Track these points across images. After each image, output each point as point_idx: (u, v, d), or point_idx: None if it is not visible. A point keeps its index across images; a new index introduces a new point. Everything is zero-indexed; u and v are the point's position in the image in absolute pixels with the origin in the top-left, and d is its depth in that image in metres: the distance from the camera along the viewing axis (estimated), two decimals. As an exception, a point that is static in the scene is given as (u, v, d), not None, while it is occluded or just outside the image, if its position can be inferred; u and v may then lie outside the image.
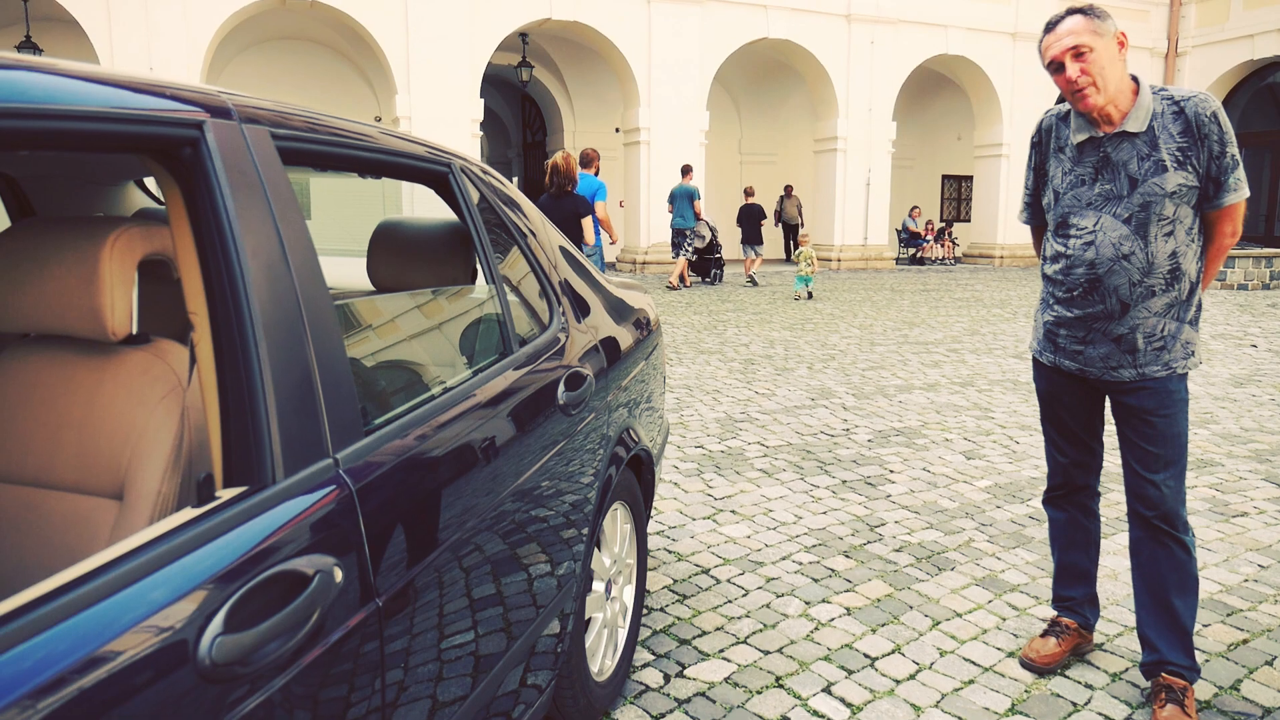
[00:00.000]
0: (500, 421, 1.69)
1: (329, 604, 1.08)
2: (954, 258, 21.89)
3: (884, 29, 18.80)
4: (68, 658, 0.79)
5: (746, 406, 6.07)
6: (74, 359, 1.35)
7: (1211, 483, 4.44)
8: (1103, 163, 2.32)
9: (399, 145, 1.73)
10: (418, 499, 1.36)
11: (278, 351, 1.15)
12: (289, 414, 1.14)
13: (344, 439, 1.23)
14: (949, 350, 8.59)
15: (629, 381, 2.55)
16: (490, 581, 1.57)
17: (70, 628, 0.81)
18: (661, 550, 3.53)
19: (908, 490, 4.29)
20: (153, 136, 1.12)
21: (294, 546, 1.07)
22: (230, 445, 1.12)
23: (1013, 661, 2.69)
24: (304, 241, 1.26)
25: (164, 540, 0.94)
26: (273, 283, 1.17)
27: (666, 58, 16.97)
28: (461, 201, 1.87)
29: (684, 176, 14.95)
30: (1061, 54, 2.26)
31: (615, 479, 2.28)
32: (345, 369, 1.27)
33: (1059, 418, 2.60)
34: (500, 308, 1.88)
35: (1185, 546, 2.38)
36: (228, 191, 1.16)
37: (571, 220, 6.97)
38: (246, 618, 0.97)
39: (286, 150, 1.35)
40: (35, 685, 0.76)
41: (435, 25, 15.04)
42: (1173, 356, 2.34)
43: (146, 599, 0.88)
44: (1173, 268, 2.28)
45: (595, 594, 2.31)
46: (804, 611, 3.01)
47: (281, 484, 1.10)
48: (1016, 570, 3.36)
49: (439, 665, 1.38)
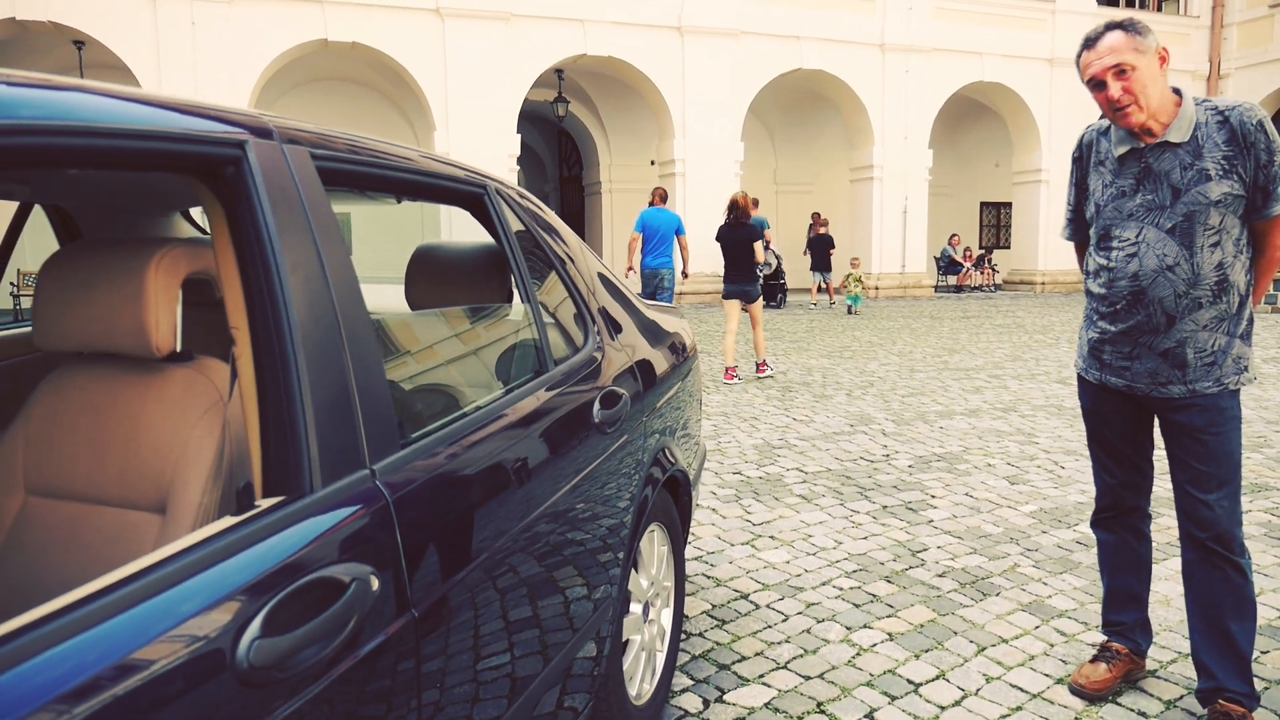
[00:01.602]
0: (534, 439, 1.69)
1: (365, 612, 1.08)
2: (994, 284, 21.67)
3: (918, 57, 18.81)
4: (102, 661, 0.80)
5: (785, 433, 6.03)
6: (120, 376, 1.38)
7: (1267, 507, 4.31)
8: (1144, 174, 2.29)
9: (436, 168, 1.76)
10: (454, 513, 1.37)
11: (316, 364, 1.16)
12: (326, 425, 1.15)
13: (381, 451, 1.24)
14: (990, 376, 8.47)
15: (664, 403, 2.55)
16: (525, 599, 1.57)
17: (105, 631, 0.82)
18: (700, 575, 3.50)
19: (950, 515, 4.22)
20: (196, 155, 1.16)
21: (331, 554, 1.08)
22: (270, 456, 1.14)
23: (1062, 688, 2.61)
24: (343, 259, 1.29)
25: (202, 547, 0.95)
26: (311, 298, 1.19)
27: (700, 90, 17.12)
28: (497, 223, 1.89)
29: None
30: (1103, 72, 2.22)
31: (651, 500, 2.27)
32: (382, 383, 1.29)
33: (1106, 437, 2.55)
34: (535, 328, 1.90)
35: (1241, 570, 2.31)
36: (269, 209, 1.19)
37: (745, 244, 8.35)
38: (284, 622, 0.97)
39: (326, 170, 1.38)
40: (69, 689, 0.77)
41: (472, 63, 15.34)
42: (1224, 372, 2.29)
43: (184, 604, 0.89)
44: (1220, 279, 2.24)
45: (633, 616, 2.29)
46: (845, 637, 2.96)
47: (319, 493, 1.12)
48: (1064, 596, 3.28)
49: (474, 682, 1.38)
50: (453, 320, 2.01)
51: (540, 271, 2.12)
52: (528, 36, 15.83)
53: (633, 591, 2.30)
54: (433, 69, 15.25)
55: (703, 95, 17.16)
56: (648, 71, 16.81)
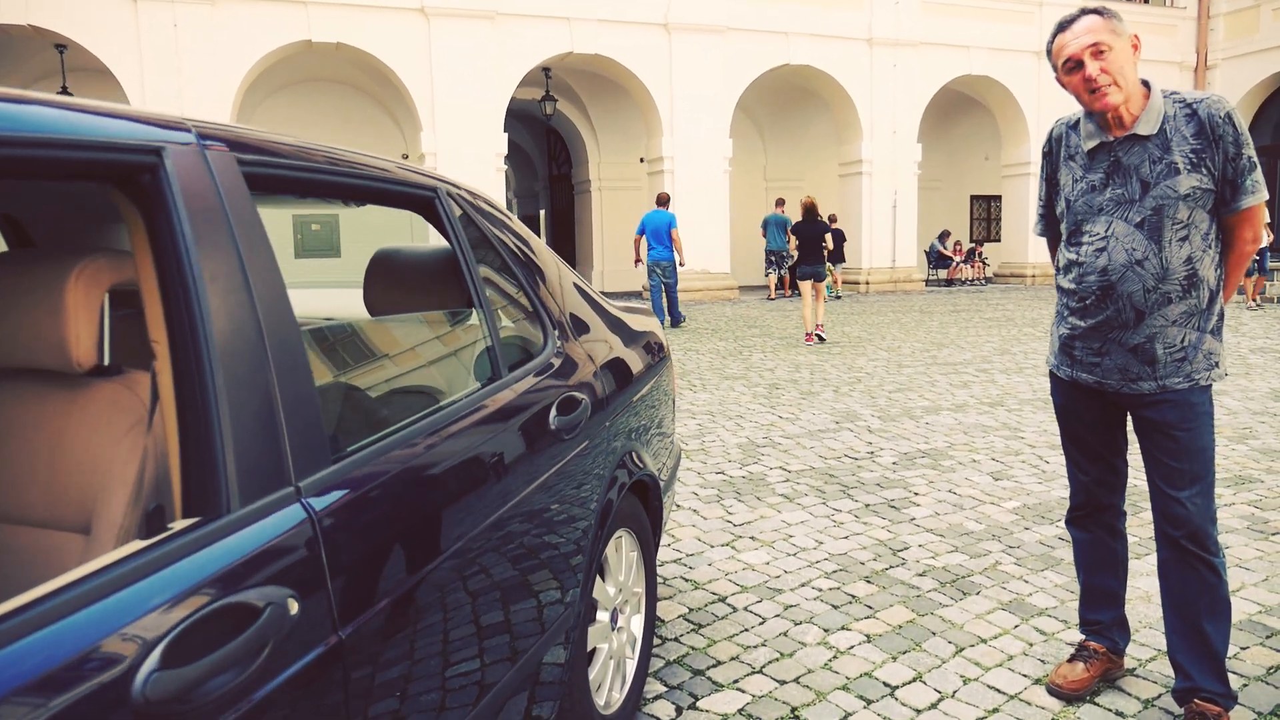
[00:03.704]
0: (481, 449, 1.65)
1: (282, 637, 1.04)
2: (984, 278, 21.66)
3: (906, 51, 18.78)
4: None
5: (769, 431, 5.99)
6: (45, 392, 1.33)
7: (1251, 499, 4.29)
8: (1114, 167, 2.26)
9: (383, 172, 1.72)
10: (390, 529, 1.33)
11: (235, 380, 1.12)
12: (246, 442, 1.11)
13: (309, 467, 1.20)
14: (978, 370, 8.45)
15: (632, 407, 2.51)
16: (471, 615, 1.53)
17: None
18: (678, 579, 3.46)
19: (932, 513, 4.19)
20: (110, 164, 1.11)
21: (246, 578, 1.04)
22: (188, 475, 1.10)
23: (1039, 689, 2.58)
24: (268, 268, 1.24)
25: (101, 575, 0.91)
26: (232, 310, 1.15)
27: (688, 87, 17.06)
28: (448, 226, 1.85)
29: (777, 207, 18.38)
30: (1080, 51, 2.20)
31: (617, 506, 2.23)
32: (311, 396, 1.24)
33: (1079, 434, 2.52)
34: (489, 334, 1.85)
35: (1215, 569, 2.28)
36: (187, 219, 1.14)
37: (818, 238, 10.96)
38: (188, 653, 0.93)
39: (258, 176, 1.33)
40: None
41: (458, 63, 15.26)
42: (1195, 367, 2.26)
43: (74, 639, 0.85)
44: (1189, 273, 2.21)
45: (599, 624, 2.25)
46: (822, 639, 2.92)
47: (236, 513, 1.07)
48: (1044, 594, 3.25)
49: (411, 706, 1.33)
50: (402, 328, 1.97)
51: (496, 275, 2.07)
52: (514, 35, 15.76)
53: (599, 599, 2.26)
54: (418, 69, 15.16)
55: (690, 93, 17.10)
56: (635, 69, 16.75)
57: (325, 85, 18.39)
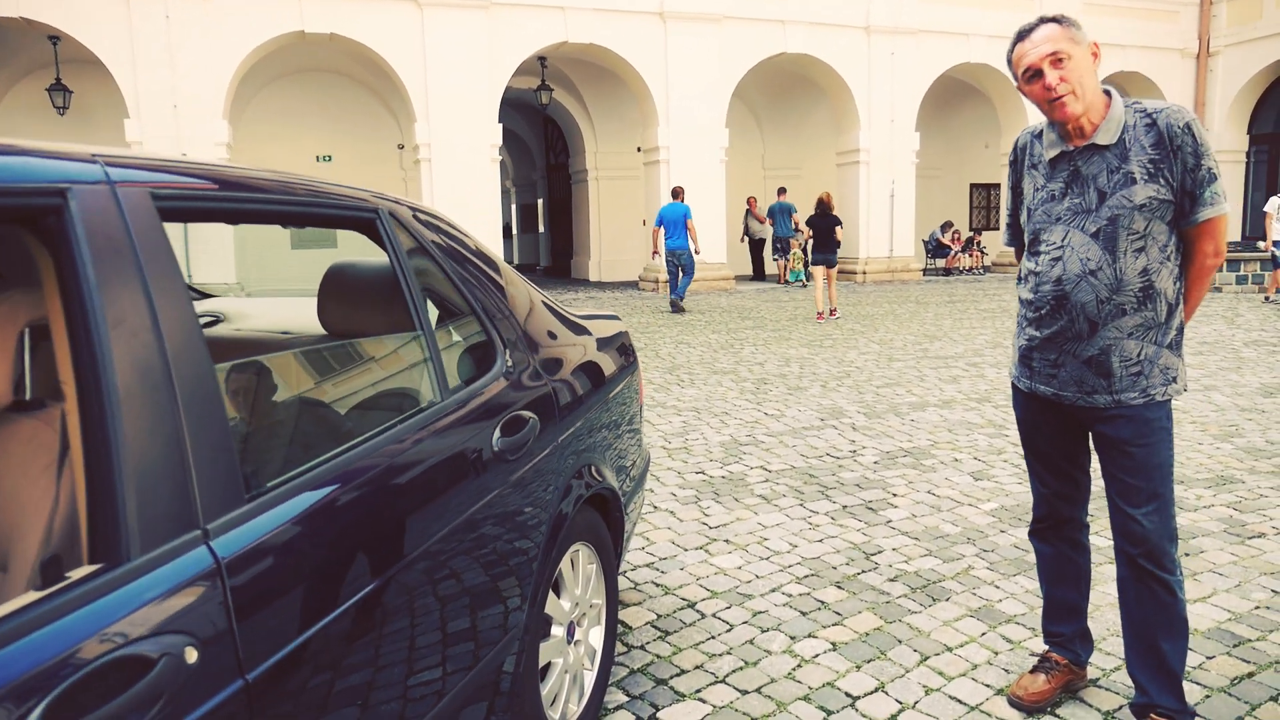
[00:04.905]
0: (419, 472, 1.64)
1: (178, 687, 1.04)
2: (983, 267, 21.60)
3: (904, 39, 18.67)
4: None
5: (753, 429, 5.99)
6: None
7: (1229, 500, 4.28)
8: (1073, 177, 2.25)
9: (319, 195, 1.70)
10: (310, 564, 1.32)
11: (138, 422, 1.12)
12: (149, 486, 1.11)
13: (218, 508, 1.19)
14: (969, 365, 8.43)
15: (591, 419, 2.50)
16: (406, 643, 1.53)
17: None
18: (649, 584, 3.46)
19: (909, 515, 4.19)
20: (12, 208, 1.10)
21: (143, 627, 1.03)
22: (93, 519, 1.09)
23: (1001, 700, 2.58)
24: (180, 306, 1.23)
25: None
26: (135, 352, 1.14)
27: (684, 77, 16.97)
28: (390, 247, 1.84)
29: (779, 195, 19.18)
30: (1039, 60, 2.19)
31: (570, 520, 2.22)
32: (224, 435, 1.24)
33: (1039, 447, 2.51)
34: (430, 354, 1.84)
35: (1171, 588, 2.27)
36: (90, 260, 1.13)
37: (830, 229, 12.46)
38: (76, 709, 0.93)
39: (174, 210, 1.32)
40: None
41: (452, 53, 15.19)
42: (1151, 383, 2.24)
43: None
44: (1144, 285, 2.19)
45: (554, 639, 2.25)
46: (788, 647, 2.92)
47: (137, 560, 1.07)
48: (1014, 600, 3.25)
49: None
50: (340, 353, 1.96)
51: (446, 294, 2.06)
52: (508, 25, 15.66)
53: (553, 615, 2.25)
54: (412, 59, 15.09)
55: (686, 82, 17.01)
56: (630, 59, 16.65)
57: (319, 76, 18.32)
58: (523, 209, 28.72)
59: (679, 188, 14.31)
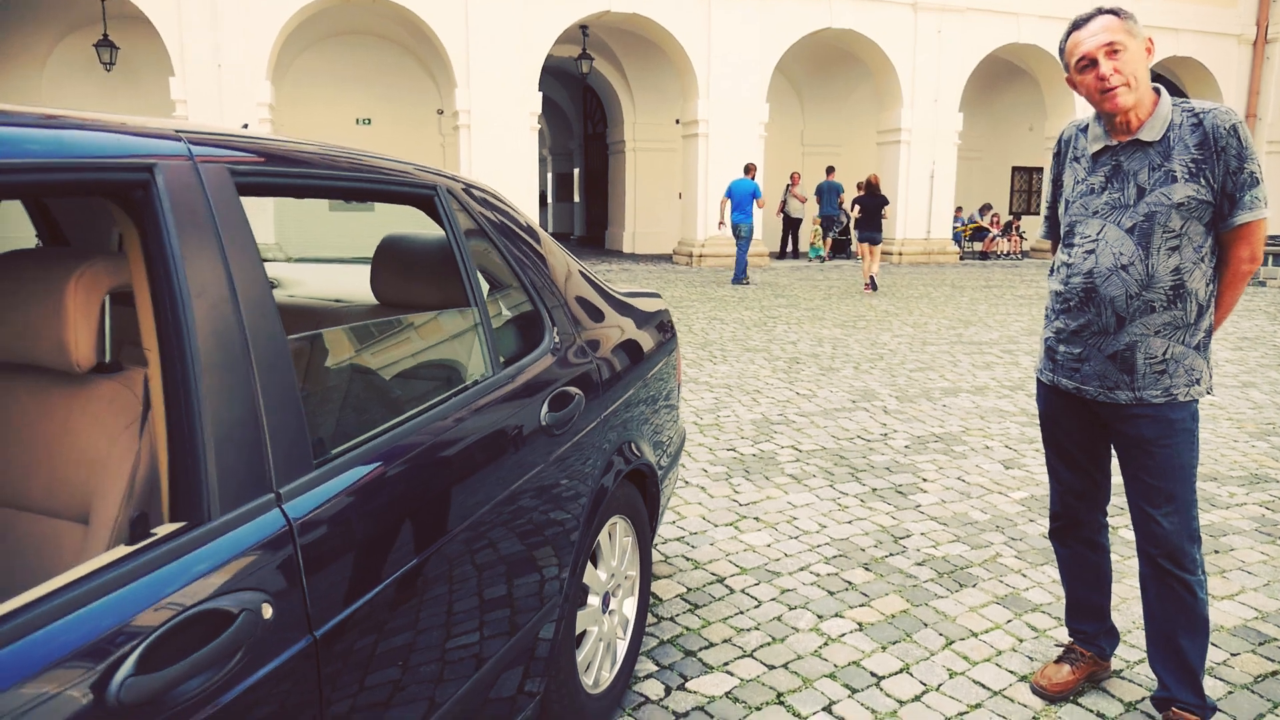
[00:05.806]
0: (468, 448, 1.70)
1: (254, 641, 1.10)
2: (1021, 252, 21.34)
3: (952, 17, 18.35)
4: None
5: (785, 408, 6.02)
6: (48, 386, 1.40)
7: (1262, 500, 4.26)
8: (1114, 171, 2.26)
9: (381, 171, 1.76)
10: (370, 531, 1.39)
11: (218, 388, 1.18)
12: (228, 450, 1.17)
13: (290, 473, 1.26)
14: (1003, 351, 8.38)
15: (633, 396, 2.55)
16: (455, 608, 1.59)
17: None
18: (679, 557, 3.53)
19: (939, 500, 4.21)
20: (104, 182, 1.16)
21: (222, 584, 1.10)
22: (175, 481, 1.16)
23: (1024, 686, 2.62)
24: (256, 277, 1.29)
25: (84, 583, 0.97)
26: (217, 322, 1.20)
27: (726, 50, 16.83)
28: (446, 223, 1.89)
29: (828, 175, 19.60)
30: (1095, 49, 2.18)
31: (610, 494, 2.28)
32: (295, 402, 1.30)
33: (1059, 441, 2.53)
34: (484, 330, 1.90)
35: (1191, 588, 2.29)
36: (175, 233, 1.19)
37: (878, 209, 13.48)
38: (164, 658, 1.00)
39: (249, 185, 1.38)
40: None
41: (494, 18, 15.16)
42: (1174, 382, 2.25)
43: (56, 643, 0.91)
44: (1176, 284, 2.19)
45: (590, 608, 2.32)
46: (815, 625, 2.98)
47: (217, 520, 1.14)
48: (1041, 589, 3.27)
49: (390, 694, 1.40)
50: (397, 327, 2.02)
51: (497, 271, 2.11)
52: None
53: (590, 585, 2.32)
54: (454, 25, 15.08)
55: (728, 55, 16.87)
56: (673, 30, 16.54)
57: (362, 39, 18.36)
58: (558, 177, 28.71)
59: (751, 164, 14.94)
